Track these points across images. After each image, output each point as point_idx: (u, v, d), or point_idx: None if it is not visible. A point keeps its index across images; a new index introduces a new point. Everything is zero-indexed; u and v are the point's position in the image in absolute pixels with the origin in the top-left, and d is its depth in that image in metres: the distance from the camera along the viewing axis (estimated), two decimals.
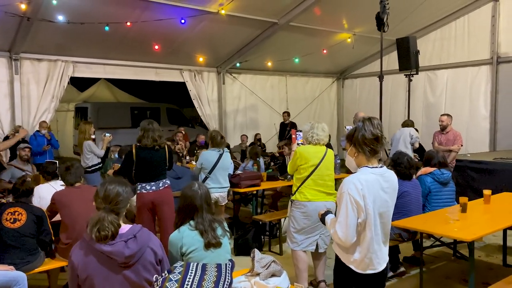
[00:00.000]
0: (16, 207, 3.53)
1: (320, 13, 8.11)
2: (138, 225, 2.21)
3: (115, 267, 2.07)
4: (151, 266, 2.14)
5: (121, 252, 2.04)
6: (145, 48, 8.01)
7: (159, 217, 4.31)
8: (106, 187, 2.19)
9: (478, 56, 8.98)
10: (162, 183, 4.30)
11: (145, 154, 4.23)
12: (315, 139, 3.91)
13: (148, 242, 2.14)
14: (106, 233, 2.03)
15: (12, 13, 6.00)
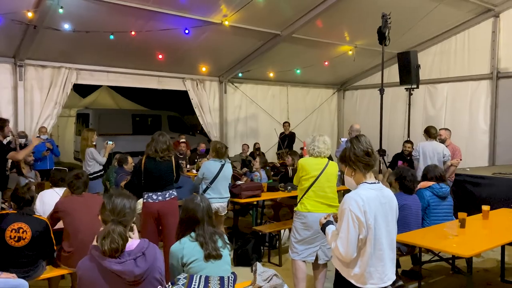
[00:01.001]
0: (20, 223, 3.43)
1: (322, 25, 8.20)
2: (145, 241, 2.20)
3: (123, 285, 2.06)
4: (157, 282, 2.15)
5: (131, 271, 2.03)
6: (148, 57, 8.08)
7: (164, 227, 4.34)
8: (113, 200, 2.20)
9: (478, 70, 9.06)
10: (168, 194, 4.35)
11: (151, 164, 4.29)
12: (316, 152, 3.99)
13: (155, 259, 2.14)
14: (116, 246, 2.02)
15: (18, 21, 6.06)
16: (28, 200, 3.55)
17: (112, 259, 2.03)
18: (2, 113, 6.86)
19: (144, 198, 4.34)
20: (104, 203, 2.22)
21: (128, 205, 2.20)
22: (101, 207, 2.22)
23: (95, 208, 3.62)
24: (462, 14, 8.77)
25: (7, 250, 3.37)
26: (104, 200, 2.23)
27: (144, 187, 4.32)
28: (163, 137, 4.39)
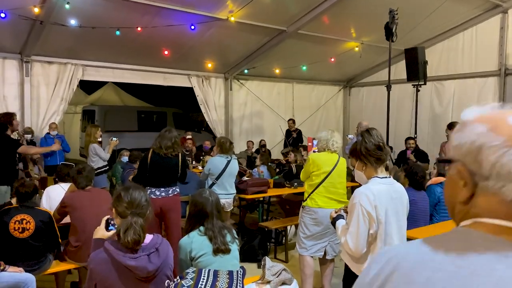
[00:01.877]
0: (23, 214, 3.45)
1: (329, 21, 8.16)
2: (159, 236, 2.20)
3: (135, 280, 2.06)
4: (167, 278, 2.14)
5: (145, 267, 2.02)
6: (154, 53, 8.08)
7: (166, 223, 4.34)
8: (131, 192, 2.20)
9: (486, 67, 8.98)
10: (172, 190, 4.35)
11: (157, 159, 4.29)
12: (335, 147, 3.97)
13: (167, 255, 2.14)
14: (138, 238, 2.02)
15: (25, 17, 6.07)
16: (26, 193, 3.53)
17: (127, 254, 2.03)
18: (8, 109, 6.88)
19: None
20: (120, 196, 2.21)
21: (145, 198, 2.21)
22: (116, 199, 2.21)
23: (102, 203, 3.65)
24: (470, 10, 8.69)
25: (12, 242, 3.39)
26: (121, 193, 2.21)
27: (148, 181, 4.31)
28: (169, 133, 4.38)
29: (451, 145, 0.84)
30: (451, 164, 0.82)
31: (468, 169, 0.78)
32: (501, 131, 0.76)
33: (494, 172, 0.75)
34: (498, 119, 0.79)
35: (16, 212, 3.47)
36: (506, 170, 0.73)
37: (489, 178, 0.75)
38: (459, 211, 0.81)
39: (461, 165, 0.79)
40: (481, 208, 0.77)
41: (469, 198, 0.78)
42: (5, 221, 3.39)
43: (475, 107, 0.85)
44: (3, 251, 3.37)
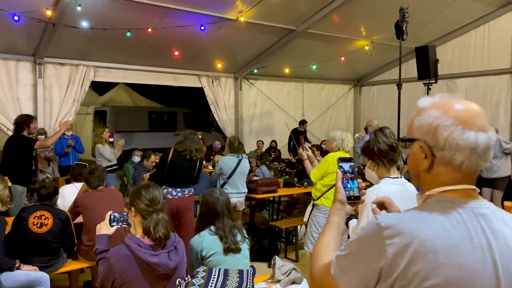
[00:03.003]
0: (42, 211, 3.55)
1: (339, 20, 8.12)
2: (176, 235, 2.24)
3: (154, 277, 2.09)
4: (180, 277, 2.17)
5: (166, 264, 2.06)
6: (164, 54, 8.13)
7: (181, 222, 4.40)
8: (152, 190, 2.24)
9: (498, 65, 8.86)
10: (188, 191, 4.42)
11: (179, 160, 4.35)
12: (349, 147, 3.97)
13: (184, 253, 2.19)
14: (167, 233, 2.09)
15: (38, 19, 6.15)
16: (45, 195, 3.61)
17: (148, 251, 2.06)
18: (22, 110, 6.99)
19: None
20: (140, 194, 2.24)
21: (163, 196, 2.27)
22: (135, 198, 2.24)
23: (114, 202, 3.70)
24: (482, 7, 8.58)
25: (31, 236, 3.47)
26: (142, 191, 2.24)
27: (165, 180, 4.37)
28: (196, 136, 4.49)
29: (413, 126, 1.08)
30: (414, 142, 1.07)
31: (428, 144, 1.04)
32: (450, 114, 1.03)
33: (447, 144, 1.01)
34: (447, 105, 1.06)
35: (36, 209, 3.58)
36: (455, 142, 1.00)
37: (444, 149, 1.01)
38: (424, 179, 1.08)
39: (423, 142, 1.05)
40: (443, 176, 1.03)
41: (430, 167, 1.05)
42: (24, 217, 3.47)
43: (427, 97, 1.12)
44: (21, 246, 3.45)
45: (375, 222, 1.01)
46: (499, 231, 0.99)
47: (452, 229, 0.96)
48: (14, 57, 7.12)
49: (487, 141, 1.01)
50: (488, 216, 1.01)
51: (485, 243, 0.97)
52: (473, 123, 1.01)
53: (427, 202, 1.05)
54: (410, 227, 0.96)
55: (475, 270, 0.93)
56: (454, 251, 0.94)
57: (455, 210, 0.99)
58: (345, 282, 1.02)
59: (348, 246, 1.06)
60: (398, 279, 0.94)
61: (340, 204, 1.26)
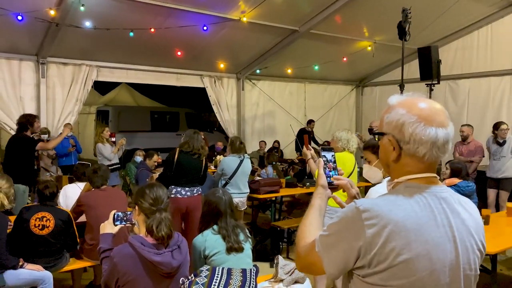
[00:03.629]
0: (44, 212, 3.54)
1: (341, 21, 8.12)
2: (179, 234, 2.25)
3: (158, 276, 2.10)
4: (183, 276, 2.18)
5: (169, 263, 2.07)
6: (167, 54, 8.15)
7: (190, 222, 4.41)
8: (156, 189, 2.26)
9: (501, 66, 8.85)
10: (196, 190, 4.45)
11: (185, 159, 4.37)
12: (354, 147, 3.98)
13: (187, 252, 2.19)
14: (170, 232, 2.10)
15: (41, 19, 6.18)
16: (47, 196, 3.62)
17: (151, 249, 2.07)
18: (25, 109, 7.01)
19: (172, 193, 4.38)
20: (144, 193, 2.25)
21: (167, 196, 2.29)
22: (140, 197, 2.25)
23: (117, 202, 3.71)
24: (485, 8, 8.57)
25: (32, 238, 3.47)
26: (146, 190, 2.25)
27: (173, 180, 4.39)
28: (199, 135, 4.51)
29: (383, 122, 1.23)
30: (384, 136, 1.22)
31: (395, 138, 1.19)
32: (414, 112, 1.17)
33: (412, 138, 1.15)
34: (412, 104, 1.20)
35: (37, 210, 3.57)
36: (418, 137, 1.15)
37: (409, 143, 1.16)
38: (393, 168, 1.23)
39: (391, 136, 1.20)
40: (409, 166, 1.18)
41: (397, 158, 1.20)
42: (26, 218, 3.47)
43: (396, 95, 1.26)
44: (23, 247, 3.46)
45: (354, 206, 1.13)
46: (456, 211, 1.17)
47: (420, 210, 1.12)
48: (17, 56, 7.14)
49: (446, 136, 1.16)
50: (448, 199, 1.18)
51: (446, 222, 1.14)
52: (433, 120, 1.15)
53: (397, 188, 1.19)
54: (385, 210, 1.10)
55: (439, 245, 1.10)
56: (422, 230, 1.09)
57: (421, 195, 1.14)
58: (328, 258, 1.15)
59: (330, 227, 1.17)
60: (376, 255, 1.08)
61: (322, 189, 1.40)
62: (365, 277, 1.11)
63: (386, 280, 1.08)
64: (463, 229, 1.16)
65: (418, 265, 1.07)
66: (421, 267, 1.07)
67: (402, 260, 1.06)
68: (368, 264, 1.10)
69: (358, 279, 1.14)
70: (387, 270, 1.08)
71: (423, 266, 1.07)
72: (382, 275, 1.09)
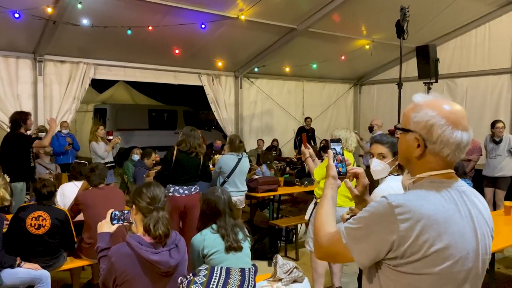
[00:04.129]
0: (40, 211, 3.52)
1: (339, 19, 8.11)
2: (177, 233, 2.24)
3: (156, 275, 2.10)
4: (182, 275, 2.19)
5: (167, 262, 2.07)
6: (165, 52, 8.12)
7: (189, 220, 4.40)
8: (153, 188, 2.25)
9: (499, 64, 8.87)
10: (194, 188, 4.43)
11: (183, 158, 4.35)
12: (352, 147, 3.97)
13: (185, 251, 2.19)
14: (167, 231, 2.09)
15: (38, 17, 6.14)
16: (45, 195, 3.60)
17: (149, 249, 2.07)
18: (22, 107, 6.98)
19: (170, 192, 4.38)
20: (141, 192, 2.24)
21: (164, 194, 2.28)
22: (137, 195, 2.24)
23: (115, 200, 3.70)
24: (483, 6, 8.58)
25: (29, 238, 3.45)
26: (143, 189, 2.25)
27: (171, 179, 4.38)
28: (195, 132, 4.48)
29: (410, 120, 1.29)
30: (410, 132, 1.29)
31: (422, 137, 1.26)
32: (443, 115, 1.25)
33: (439, 139, 1.24)
34: (440, 106, 1.27)
35: (33, 209, 3.55)
36: (446, 138, 1.23)
37: (436, 143, 1.24)
38: (415, 163, 1.30)
39: (419, 135, 1.26)
40: (431, 163, 1.27)
41: (421, 155, 1.27)
42: (22, 218, 3.46)
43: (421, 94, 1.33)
44: (20, 247, 3.44)
45: (386, 202, 1.20)
46: (474, 203, 1.28)
47: (446, 204, 1.21)
48: (14, 54, 7.11)
49: (468, 139, 1.26)
50: (467, 192, 1.28)
51: (468, 214, 1.24)
52: (459, 124, 1.25)
53: (420, 183, 1.28)
54: (417, 205, 1.18)
55: (464, 235, 1.21)
56: (450, 222, 1.19)
57: (445, 189, 1.24)
58: (358, 250, 1.23)
59: (359, 220, 1.23)
60: (410, 247, 1.16)
61: (333, 179, 1.47)
62: (397, 267, 1.19)
63: (419, 269, 1.17)
64: (480, 218, 1.27)
65: (448, 254, 1.17)
66: (450, 256, 1.17)
67: (434, 251, 1.16)
68: (402, 256, 1.18)
69: (388, 268, 1.22)
70: (420, 260, 1.16)
71: (451, 255, 1.17)
72: (414, 264, 1.17)
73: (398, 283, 1.21)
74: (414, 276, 1.18)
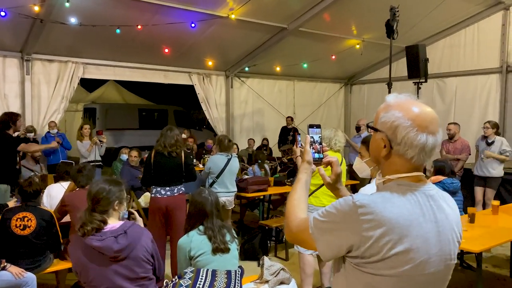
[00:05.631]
0: (25, 212, 3.47)
1: (330, 19, 8.12)
2: (130, 222, 2.31)
3: (105, 261, 2.17)
4: (143, 262, 2.22)
5: (110, 247, 2.14)
6: (154, 51, 8.06)
7: (172, 222, 4.34)
8: (92, 185, 2.35)
9: (488, 64, 8.94)
10: (177, 189, 4.36)
11: (160, 159, 4.30)
12: (338, 146, 3.95)
13: (140, 238, 2.22)
14: (88, 229, 2.16)
15: (25, 15, 6.06)
16: (31, 194, 3.55)
17: (94, 237, 2.16)
18: (10, 107, 6.90)
19: (152, 193, 4.36)
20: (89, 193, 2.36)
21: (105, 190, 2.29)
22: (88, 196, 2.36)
23: None
24: (472, 7, 8.65)
25: (14, 239, 3.41)
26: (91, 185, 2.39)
27: (153, 181, 4.34)
28: (171, 131, 4.39)
29: (379, 119, 1.29)
30: (378, 132, 1.29)
31: (388, 138, 1.26)
32: (410, 116, 1.24)
33: (403, 141, 1.23)
34: (409, 108, 1.26)
35: (19, 210, 3.50)
36: (410, 141, 1.22)
37: (400, 144, 1.24)
38: (383, 163, 1.31)
39: (385, 135, 1.27)
40: (397, 165, 1.27)
41: (387, 155, 1.27)
42: (7, 218, 3.41)
43: (394, 94, 1.32)
44: (5, 248, 3.39)
45: (351, 200, 1.21)
46: (442, 207, 1.27)
47: (411, 207, 1.21)
48: (1, 53, 7.02)
49: (434, 143, 1.25)
50: (435, 197, 1.27)
51: (433, 218, 1.23)
52: (426, 127, 1.23)
53: (388, 185, 1.27)
54: (380, 207, 1.18)
55: (427, 239, 1.20)
56: (413, 225, 1.19)
57: (411, 192, 1.24)
58: (322, 242, 1.25)
59: (327, 214, 1.25)
60: (370, 248, 1.16)
61: (307, 164, 1.50)
62: (358, 265, 1.20)
63: (378, 269, 1.18)
64: (446, 223, 1.26)
65: (409, 257, 1.17)
66: (411, 259, 1.17)
67: (394, 253, 1.16)
68: (362, 256, 1.18)
69: (350, 265, 1.23)
70: (379, 261, 1.17)
71: (412, 258, 1.17)
72: (374, 265, 1.18)
73: (359, 281, 1.22)
74: (374, 277, 1.19)
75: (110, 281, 2.16)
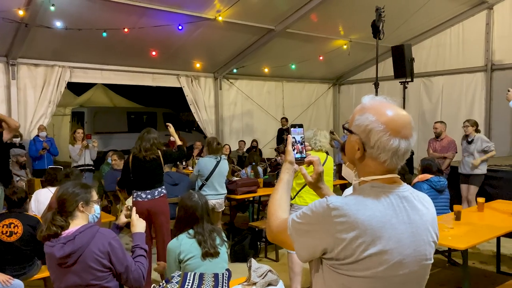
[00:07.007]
0: (11, 219, 3.45)
1: (317, 20, 8.17)
2: (85, 226, 2.20)
3: (59, 268, 2.16)
4: (92, 269, 2.13)
5: (52, 253, 2.12)
6: (142, 54, 8.04)
7: (155, 225, 4.32)
8: (60, 188, 2.34)
9: (473, 63, 9.07)
10: (157, 192, 4.32)
11: (138, 163, 4.26)
12: (318, 146, 3.97)
13: (88, 243, 2.13)
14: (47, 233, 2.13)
15: (9, 19, 6.01)
16: (15, 202, 3.52)
17: (49, 242, 2.15)
18: None
19: (133, 197, 4.32)
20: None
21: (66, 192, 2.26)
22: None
23: None
24: (456, 6, 8.77)
25: (1, 246, 3.37)
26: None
27: (133, 185, 4.31)
28: (148, 134, 4.33)
29: (354, 122, 1.30)
30: (352, 134, 1.29)
31: (362, 140, 1.26)
32: (383, 120, 1.24)
33: (376, 145, 1.23)
34: (382, 111, 1.26)
35: (4, 217, 3.47)
36: (382, 145, 1.23)
37: (373, 148, 1.24)
38: (358, 165, 1.32)
39: (358, 138, 1.27)
40: (371, 168, 1.28)
41: (361, 158, 1.28)
42: None
43: (370, 96, 1.33)
44: None
45: (325, 203, 1.22)
46: (416, 208, 1.28)
47: (384, 209, 1.22)
48: None
49: (407, 147, 1.26)
50: (408, 198, 1.28)
51: (407, 219, 1.24)
52: (399, 132, 1.24)
53: (362, 187, 1.29)
54: (353, 210, 1.19)
55: (400, 240, 1.21)
56: (386, 227, 1.20)
57: (385, 194, 1.24)
58: (299, 243, 1.27)
59: (303, 216, 1.26)
60: (343, 250, 1.18)
61: (289, 164, 1.49)
62: (333, 267, 1.22)
63: (353, 271, 1.19)
64: (421, 224, 1.27)
65: (382, 259, 1.18)
66: (385, 260, 1.18)
67: (367, 255, 1.17)
68: (336, 258, 1.20)
69: (326, 266, 1.25)
70: (353, 263, 1.18)
71: (386, 259, 1.18)
72: (349, 266, 1.19)
73: (335, 282, 1.23)
74: (349, 278, 1.20)
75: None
